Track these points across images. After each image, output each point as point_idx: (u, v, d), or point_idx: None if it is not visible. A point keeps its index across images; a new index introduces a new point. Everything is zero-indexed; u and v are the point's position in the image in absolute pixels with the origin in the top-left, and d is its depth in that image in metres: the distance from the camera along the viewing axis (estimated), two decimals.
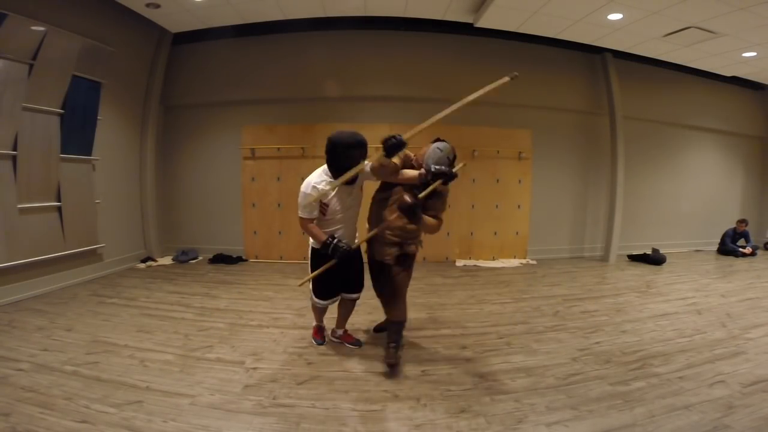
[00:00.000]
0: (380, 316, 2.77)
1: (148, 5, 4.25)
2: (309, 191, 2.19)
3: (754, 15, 3.87)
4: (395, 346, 2.31)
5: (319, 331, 2.71)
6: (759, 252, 6.30)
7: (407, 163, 2.30)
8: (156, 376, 2.17)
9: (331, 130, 6.07)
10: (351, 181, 2.22)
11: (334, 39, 5.13)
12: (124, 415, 1.79)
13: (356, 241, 2.44)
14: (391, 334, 2.36)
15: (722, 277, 4.76)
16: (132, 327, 2.91)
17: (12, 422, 1.71)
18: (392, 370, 2.26)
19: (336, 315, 2.65)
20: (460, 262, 5.34)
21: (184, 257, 5.25)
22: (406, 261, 2.38)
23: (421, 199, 2.12)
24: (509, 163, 5.54)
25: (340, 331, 2.68)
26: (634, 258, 5.74)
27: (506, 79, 2.04)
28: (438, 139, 2.34)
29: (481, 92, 2.06)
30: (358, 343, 2.62)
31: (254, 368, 2.30)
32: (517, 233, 5.65)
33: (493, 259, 5.53)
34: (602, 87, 5.70)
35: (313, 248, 2.39)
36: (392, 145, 1.96)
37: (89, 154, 4.24)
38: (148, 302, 3.51)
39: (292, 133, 5.28)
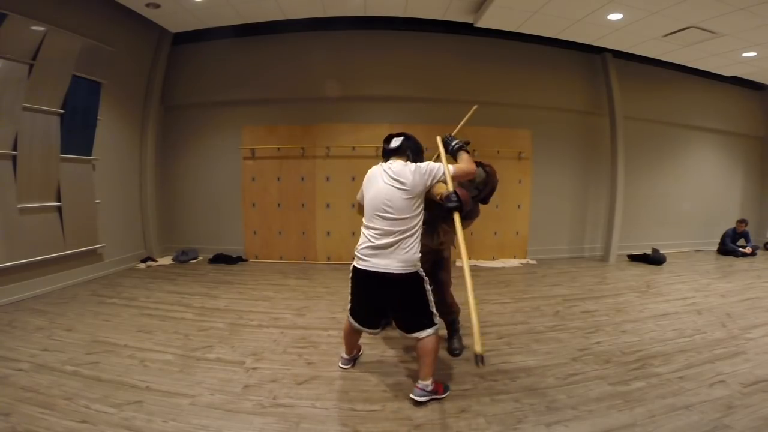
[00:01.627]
0: None
1: (148, 5, 4.25)
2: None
3: (754, 15, 3.87)
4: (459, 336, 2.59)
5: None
6: (759, 252, 6.29)
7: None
8: (156, 376, 2.17)
9: (331, 130, 6.12)
10: None
11: (334, 39, 5.13)
12: (124, 415, 1.79)
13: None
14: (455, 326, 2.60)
15: (722, 277, 4.75)
16: (132, 327, 2.91)
17: (12, 422, 1.70)
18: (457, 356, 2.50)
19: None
20: (459, 262, 5.33)
21: (184, 257, 5.25)
22: (442, 264, 2.52)
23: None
24: (509, 163, 5.53)
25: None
26: (634, 258, 5.74)
27: None
28: (481, 163, 2.24)
29: None
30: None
31: (254, 368, 2.29)
32: (517, 233, 5.65)
33: (493, 259, 5.53)
34: (602, 87, 5.70)
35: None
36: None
37: (89, 154, 4.24)
38: (148, 302, 3.51)
39: (292, 133, 5.29)
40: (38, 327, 2.86)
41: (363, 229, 1.97)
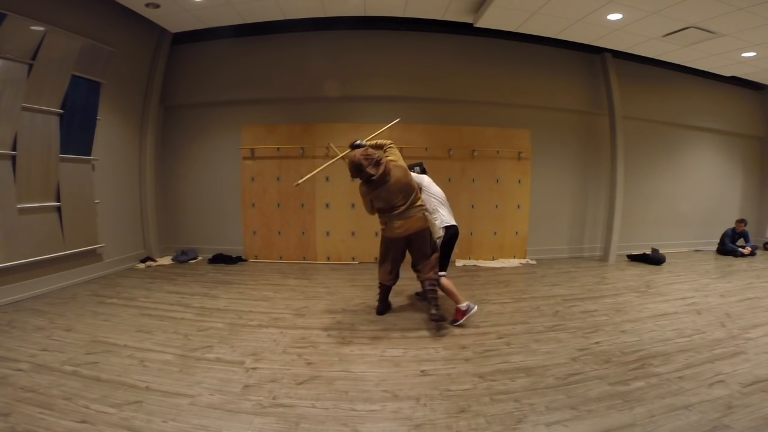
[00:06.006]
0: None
1: (147, 5, 4.24)
2: None
3: (754, 15, 3.88)
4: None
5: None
6: (758, 252, 6.30)
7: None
8: (155, 376, 2.17)
9: (330, 130, 6.14)
10: None
11: (334, 39, 5.13)
12: (123, 415, 1.79)
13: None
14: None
15: (721, 277, 4.76)
16: (131, 327, 2.91)
17: (11, 422, 1.70)
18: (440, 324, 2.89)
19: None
20: (459, 262, 5.34)
21: (183, 257, 5.25)
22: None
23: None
24: (509, 163, 5.54)
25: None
26: (634, 258, 5.74)
27: None
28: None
29: None
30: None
31: (254, 368, 2.29)
32: (516, 233, 5.66)
33: (493, 259, 5.53)
34: (602, 87, 5.71)
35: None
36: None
37: (89, 154, 4.24)
38: (148, 302, 3.51)
39: (291, 133, 5.28)
40: (37, 327, 2.86)
41: (441, 206, 3.18)
